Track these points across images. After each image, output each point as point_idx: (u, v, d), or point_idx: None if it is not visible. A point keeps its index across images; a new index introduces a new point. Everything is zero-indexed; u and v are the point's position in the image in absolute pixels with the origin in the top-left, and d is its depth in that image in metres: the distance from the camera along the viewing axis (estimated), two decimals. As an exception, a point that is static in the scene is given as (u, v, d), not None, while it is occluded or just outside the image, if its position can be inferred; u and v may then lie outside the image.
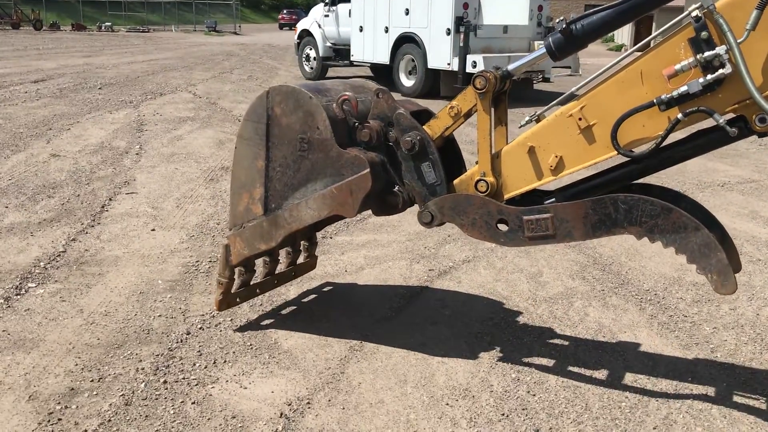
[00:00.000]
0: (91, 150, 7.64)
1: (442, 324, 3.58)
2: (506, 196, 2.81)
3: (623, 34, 37.10)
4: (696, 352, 3.35)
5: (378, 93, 2.96)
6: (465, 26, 12.45)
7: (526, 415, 2.77)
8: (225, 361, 3.12)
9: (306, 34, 17.04)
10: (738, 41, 2.20)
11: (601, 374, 3.11)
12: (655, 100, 2.38)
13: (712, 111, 2.30)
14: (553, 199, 2.78)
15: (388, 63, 14.56)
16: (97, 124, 9.35)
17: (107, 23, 46.65)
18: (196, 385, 2.91)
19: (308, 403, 2.82)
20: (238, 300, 3.48)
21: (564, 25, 2.55)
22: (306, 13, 22.52)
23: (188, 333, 3.37)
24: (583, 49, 2.69)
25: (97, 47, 27.55)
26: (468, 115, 2.86)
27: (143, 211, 5.40)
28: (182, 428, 2.62)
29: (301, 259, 3.85)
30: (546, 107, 2.79)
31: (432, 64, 13.33)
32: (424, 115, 3.06)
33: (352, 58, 15.69)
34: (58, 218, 5.15)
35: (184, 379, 2.95)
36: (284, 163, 3.05)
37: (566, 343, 3.41)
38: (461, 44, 12.47)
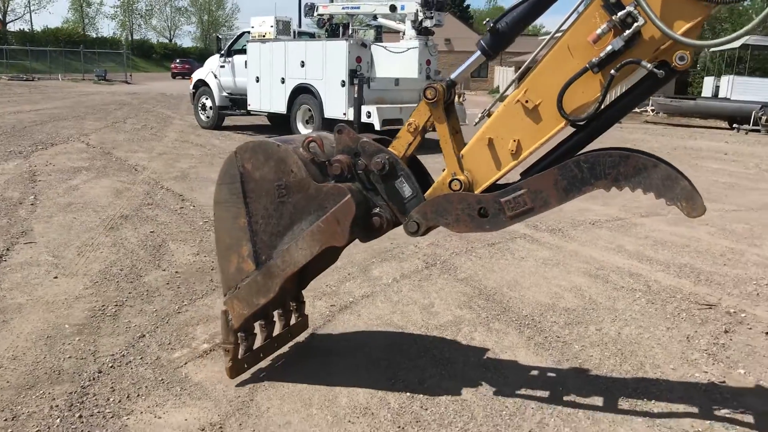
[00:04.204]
0: (-18, 201, 7.48)
1: (344, 353, 3.88)
2: (478, 191, 3.00)
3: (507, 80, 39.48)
4: (566, 367, 3.81)
5: (338, 130, 3.13)
6: (359, 78, 13.05)
7: (420, 427, 3.10)
8: (138, 395, 3.28)
9: (202, 83, 17.18)
10: None
11: (485, 389, 3.50)
12: (588, 65, 2.64)
13: (639, 60, 2.57)
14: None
15: (285, 112, 14.94)
16: (-14, 174, 9.11)
17: (-13, 71, 44.61)
18: (111, 417, 3.06)
19: (221, 427, 3.03)
20: (246, 366, 3.51)
21: (491, 25, 2.85)
22: (199, 62, 22.60)
23: (100, 371, 3.50)
24: (512, 43, 2.95)
25: (-22, 96, 26.36)
26: (425, 129, 3.06)
27: (44, 259, 5.41)
28: (100, 457, 2.77)
29: (293, 320, 3.93)
30: (491, 103, 3.08)
31: (328, 113, 13.81)
32: (384, 142, 3.20)
33: (249, 108, 15.97)
34: (-47, 269, 5.08)
35: (99, 413, 3.10)
36: (266, 214, 3.14)
37: (455, 363, 3.79)
38: (356, 95, 13.05)
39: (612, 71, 2.63)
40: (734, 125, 22.63)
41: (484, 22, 2.91)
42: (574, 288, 5.18)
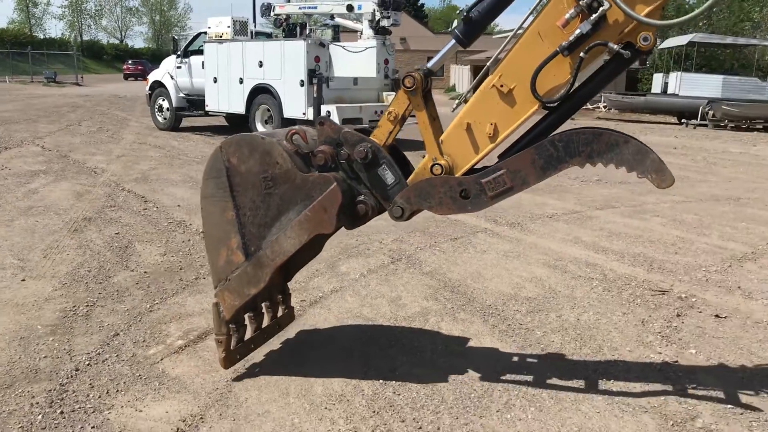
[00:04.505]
0: (-61, 206, 7.36)
1: (317, 345, 4.00)
2: (458, 174, 3.10)
3: (464, 84, 40.09)
4: (530, 352, 4.00)
5: (320, 122, 3.21)
6: (318, 78, 13.13)
7: (393, 411, 3.24)
8: (117, 391, 3.35)
9: (158, 85, 17.01)
10: None
11: (454, 374, 3.65)
12: (558, 48, 2.77)
13: (606, 42, 2.72)
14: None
15: (244, 113, 14.92)
16: (-60, 179, 8.93)
17: (-70, 74, 43.17)
18: (93, 412, 3.13)
19: (201, 418, 3.13)
20: (238, 357, 3.57)
21: (464, 14, 2.97)
22: (152, 63, 22.34)
23: (77, 369, 3.55)
24: (484, 31, 3.07)
25: None
26: (404, 118, 3.16)
27: (9, 262, 5.39)
28: (85, 450, 2.84)
29: (280, 312, 3.97)
30: (468, 89, 3.19)
31: (288, 113, 13.85)
32: (365, 133, 3.27)
33: (207, 108, 15.89)
34: None
35: (80, 408, 3.16)
36: (253, 206, 3.21)
37: (424, 351, 3.94)
38: (315, 95, 13.12)
39: (581, 54, 2.78)
40: (683, 120, 23.36)
41: (457, 12, 3.03)
42: (534, 278, 5.39)
